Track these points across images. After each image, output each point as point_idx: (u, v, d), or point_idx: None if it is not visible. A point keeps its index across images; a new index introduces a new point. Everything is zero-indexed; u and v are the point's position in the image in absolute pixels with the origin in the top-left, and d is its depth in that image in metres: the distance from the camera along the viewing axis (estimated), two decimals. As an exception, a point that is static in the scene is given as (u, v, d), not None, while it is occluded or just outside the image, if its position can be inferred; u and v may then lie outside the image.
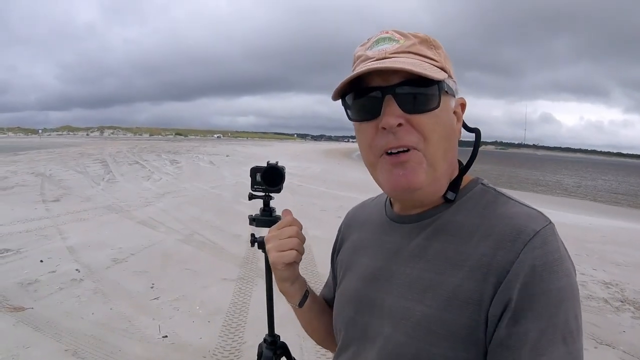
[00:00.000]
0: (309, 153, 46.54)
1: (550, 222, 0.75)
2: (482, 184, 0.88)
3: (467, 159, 0.90)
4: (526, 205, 0.79)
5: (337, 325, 0.99)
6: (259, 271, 5.51)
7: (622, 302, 5.00)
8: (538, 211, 0.78)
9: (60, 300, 4.50)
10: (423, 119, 0.77)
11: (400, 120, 0.76)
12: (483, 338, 0.71)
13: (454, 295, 0.74)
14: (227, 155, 29.96)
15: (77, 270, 5.41)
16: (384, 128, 0.77)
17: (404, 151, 0.78)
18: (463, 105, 0.88)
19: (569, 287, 0.70)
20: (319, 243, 6.77)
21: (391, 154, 0.79)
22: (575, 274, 0.74)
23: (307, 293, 1.07)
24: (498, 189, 0.86)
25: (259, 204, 1.49)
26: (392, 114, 0.76)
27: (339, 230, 1.15)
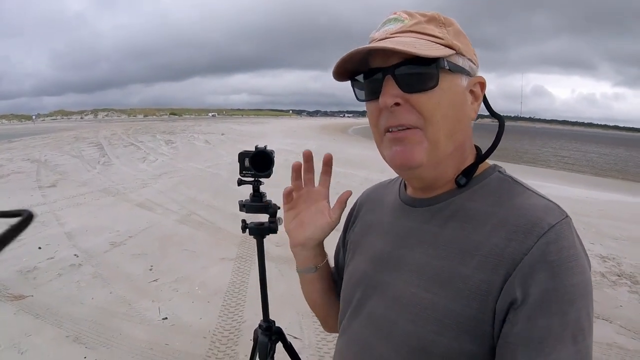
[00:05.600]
0: (304, 129, 46.31)
1: (567, 216, 0.73)
2: (499, 171, 0.86)
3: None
4: (543, 197, 0.78)
5: (343, 306, 0.99)
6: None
7: (619, 276, 5.03)
8: (555, 204, 0.76)
9: (60, 287, 4.51)
10: (422, 98, 0.77)
11: (397, 100, 0.77)
12: (490, 330, 0.71)
13: (463, 285, 0.73)
14: (223, 134, 29.78)
15: (75, 255, 5.42)
16: (383, 107, 0.79)
17: (402, 129, 0.79)
18: (482, 84, 0.86)
19: (582, 284, 0.68)
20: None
21: (391, 131, 0.80)
22: (590, 269, 0.73)
23: (326, 261, 1.10)
24: (515, 177, 0.84)
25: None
26: (388, 93, 0.77)
27: (352, 209, 1.14)
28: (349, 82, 0.89)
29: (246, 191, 1.52)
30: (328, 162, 1.05)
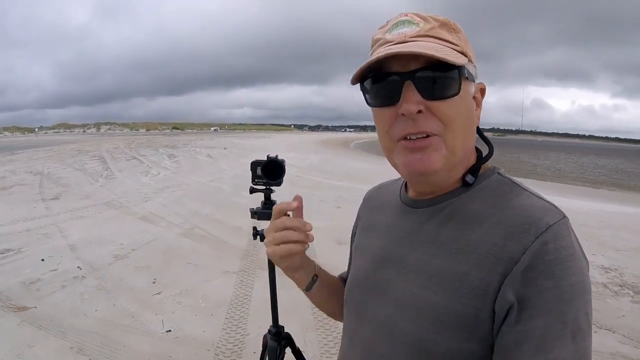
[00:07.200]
0: (306, 144, 46.52)
1: (565, 216, 0.73)
2: (498, 173, 0.86)
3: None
4: (541, 198, 0.78)
5: (346, 306, 0.99)
6: (260, 263, 5.54)
7: (621, 286, 5.03)
8: (553, 204, 0.76)
9: (63, 298, 4.52)
10: (443, 106, 0.76)
11: (420, 107, 0.75)
12: (489, 329, 0.71)
13: (461, 284, 0.73)
14: (225, 148, 29.94)
15: (78, 267, 5.43)
16: (404, 114, 0.76)
17: (422, 137, 0.77)
18: (483, 91, 0.86)
19: (580, 284, 0.68)
20: (318, 234, 6.79)
21: (409, 139, 0.78)
22: (588, 271, 0.73)
23: (315, 278, 1.04)
24: (514, 179, 0.84)
25: (259, 196, 1.51)
26: (411, 100, 0.75)
27: (358, 213, 1.14)
28: (347, 94, 0.83)
29: (248, 203, 1.55)
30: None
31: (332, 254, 5.95)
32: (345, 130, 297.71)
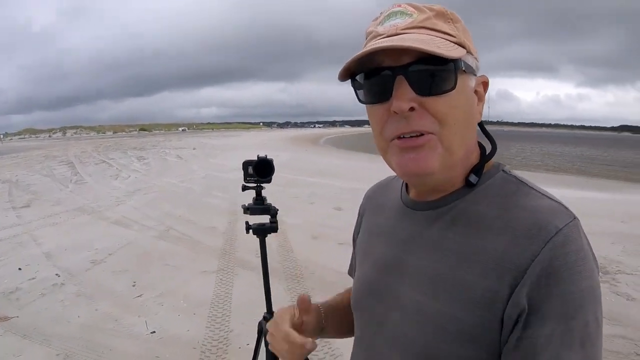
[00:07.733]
0: (276, 141, 46.47)
1: (575, 217, 0.69)
2: (503, 170, 0.81)
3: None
4: (549, 198, 0.73)
5: (354, 312, 0.96)
6: (238, 261, 5.66)
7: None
8: (562, 205, 0.72)
9: (45, 306, 4.54)
10: (438, 102, 0.71)
11: (413, 104, 0.70)
12: (497, 338, 0.68)
13: (467, 292, 0.70)
14: (194, 149, 29.79)
15: (57, 274, 5.44)
16: (396, 112, 0.71)
17: (416, 135, 0.72)
18: (485, 84, 0.81)
19: (591, 288, 0.65)
20: (293, 229, 6.93)
21: (402, 137, 0.73)
22: (599, 272, 0.70)
23: (322, 328, 1.02)
24: (520, 177, 0.79)
25: (231, 196, 1.64)
26: (403, 97, 0.70)
27: (359, 212, 1.09)
28: (315, 90, 0.79)
29: (220, 203, 1.69)
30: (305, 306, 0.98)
31: (307, 249, 6.10)
32: (315, 127, 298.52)
